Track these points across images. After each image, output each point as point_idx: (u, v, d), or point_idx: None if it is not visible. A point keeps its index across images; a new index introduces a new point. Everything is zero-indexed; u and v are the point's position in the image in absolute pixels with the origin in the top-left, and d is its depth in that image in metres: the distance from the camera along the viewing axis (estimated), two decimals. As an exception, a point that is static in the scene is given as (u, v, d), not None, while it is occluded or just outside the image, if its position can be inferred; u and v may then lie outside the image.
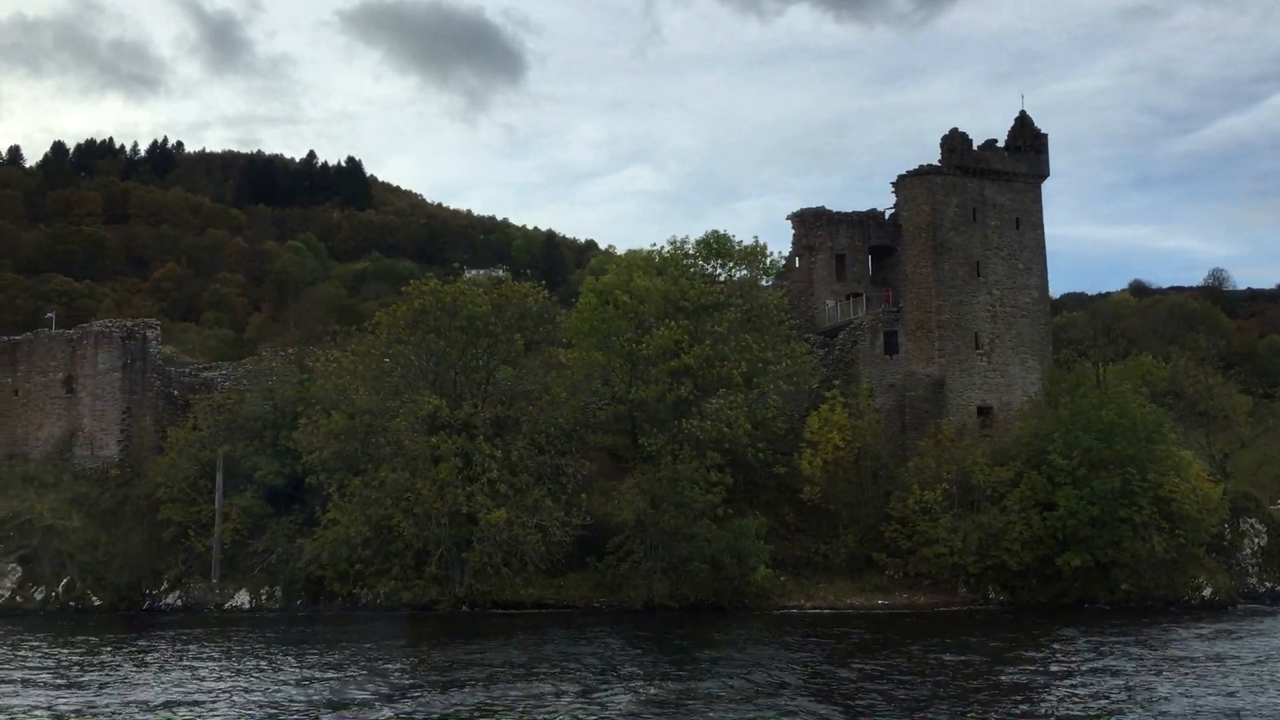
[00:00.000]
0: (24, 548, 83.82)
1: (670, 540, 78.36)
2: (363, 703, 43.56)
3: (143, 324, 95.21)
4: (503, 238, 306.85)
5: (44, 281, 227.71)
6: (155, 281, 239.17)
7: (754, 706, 42.55)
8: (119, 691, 46.57)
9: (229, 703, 43.88)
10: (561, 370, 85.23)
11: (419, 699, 44.38)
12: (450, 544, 77.82)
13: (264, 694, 45.77)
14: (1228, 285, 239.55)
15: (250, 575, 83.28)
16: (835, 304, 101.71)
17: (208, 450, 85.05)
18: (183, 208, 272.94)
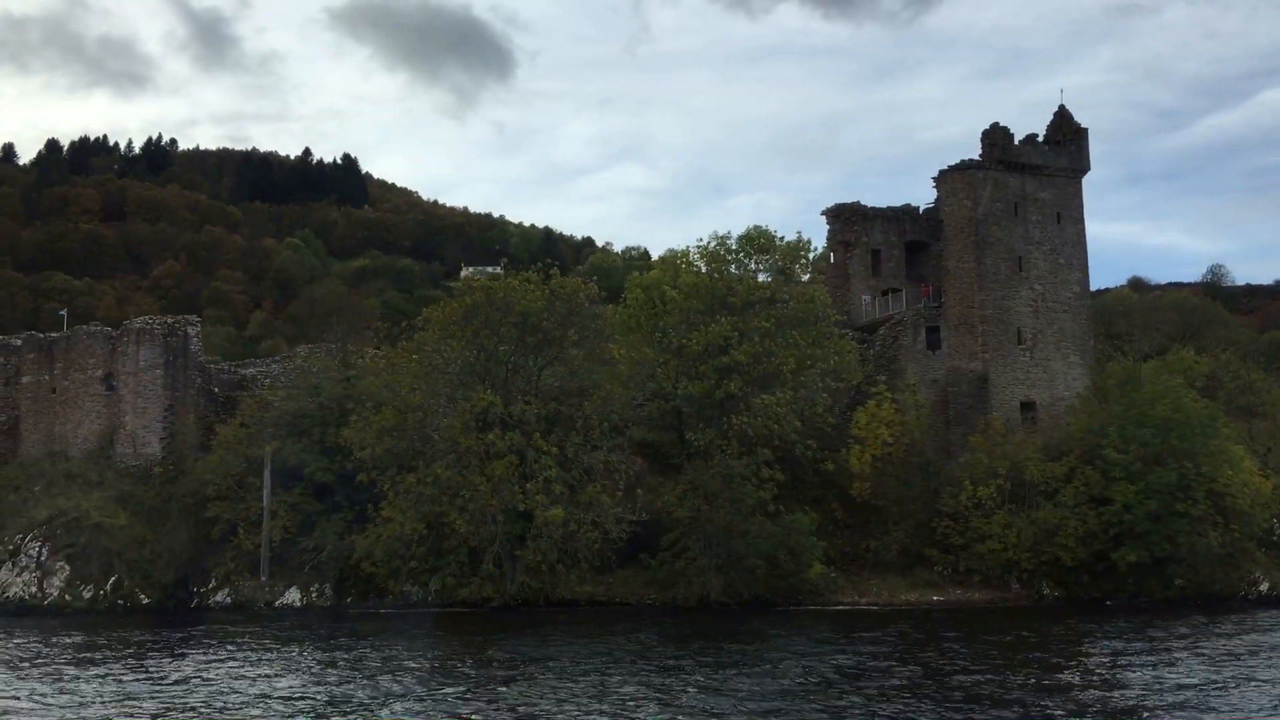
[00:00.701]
0: (71, 546, 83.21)
1: (725, 537, 78.02)
2: (445, 698, 43.29)
3: (184, 321, 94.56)
4: (500, 235, 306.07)
5: (44, 279, 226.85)
6: (155, 279, 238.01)
7: (846, 702, 42.40)
8: (213, 688, 46.39)
9: (312, 698, 44.08)
10: (611, 366, 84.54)
11: (511, 696, 44.15)
12: (504, 541, 77.22)
13: (344, 691, 45.84)
14: (1226, 281, 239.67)
15: (300, 573, 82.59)
16: (871, 299, 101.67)
17: (256, 447, 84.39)
18: (180, 205, 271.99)
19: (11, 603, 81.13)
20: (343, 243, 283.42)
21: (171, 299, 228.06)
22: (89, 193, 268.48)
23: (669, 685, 46.48)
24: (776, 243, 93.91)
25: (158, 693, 46.14)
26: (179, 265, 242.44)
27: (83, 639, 64.24)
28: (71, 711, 42.45)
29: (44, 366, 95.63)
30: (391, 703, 42.86)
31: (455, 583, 78.11)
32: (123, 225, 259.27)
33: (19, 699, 44.55)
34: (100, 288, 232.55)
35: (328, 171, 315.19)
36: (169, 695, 45.48)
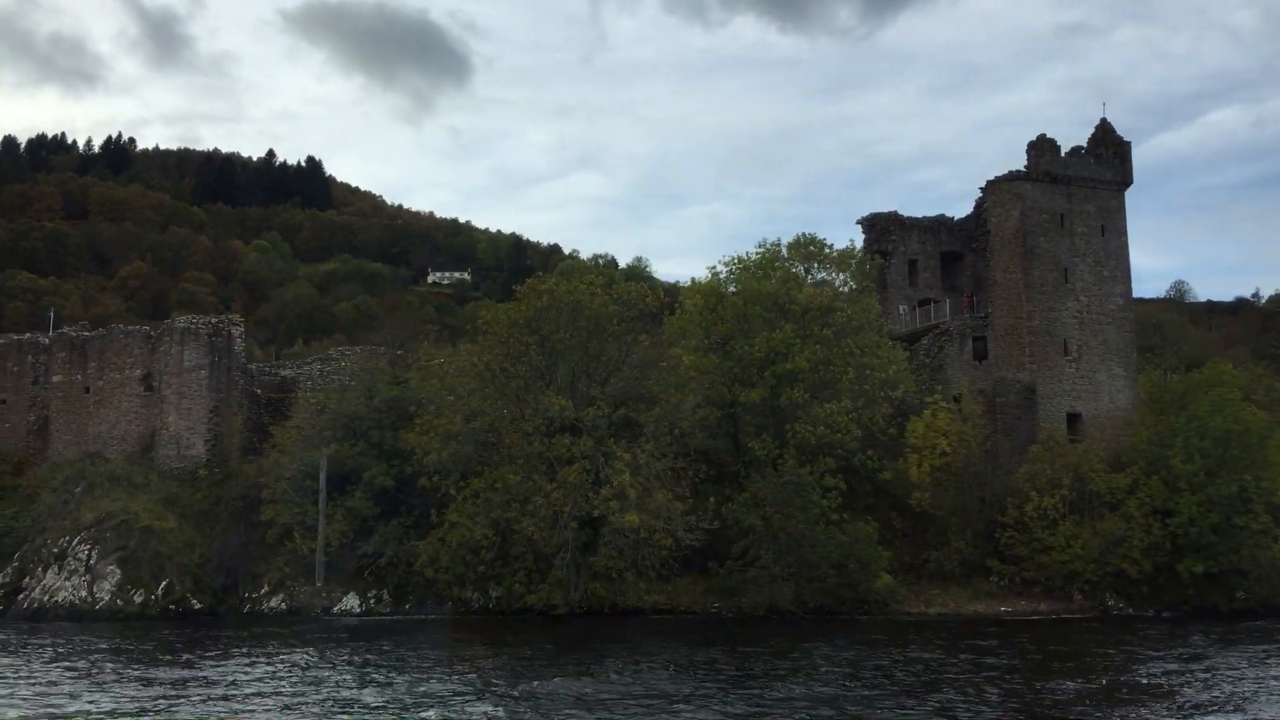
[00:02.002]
0: (121, 549, 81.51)
1: (796, 545, 77.45)
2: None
3: (227, 321, 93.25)
4: (467, 240, 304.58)
5: (8, 278, 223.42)
6: (122, 280, 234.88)
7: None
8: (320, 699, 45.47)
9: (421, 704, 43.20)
10: (674, 372, 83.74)
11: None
12: (573, 547, 76.39)
13: (460, 700, 44.82)
14: (1189, 297, 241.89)
15: (358, 578, 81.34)
16: (908, 309, 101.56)
17: (311, 450, 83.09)
18: (143, 205, 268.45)
19: (61, 607, 79.40)
20: (308, 246, 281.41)
21: (139, 300, 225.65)
22: (50, 190, 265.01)
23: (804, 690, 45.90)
24: (826, 251, 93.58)
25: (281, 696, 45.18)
26: (146, 266, 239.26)
27: (163, 642, 62.88)
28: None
29: (76, 365, 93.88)
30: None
31: (523, 589, 76.94)
32: (85, 224, 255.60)
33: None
34: (65, 287, 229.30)
35: (291, 174, 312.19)
36: (291, 699, 44.49)
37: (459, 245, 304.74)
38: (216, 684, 48.62)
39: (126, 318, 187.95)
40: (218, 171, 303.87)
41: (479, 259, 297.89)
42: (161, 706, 43.00)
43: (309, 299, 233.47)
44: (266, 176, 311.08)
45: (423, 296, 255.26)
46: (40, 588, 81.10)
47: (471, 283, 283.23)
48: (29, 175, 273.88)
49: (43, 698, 44.97)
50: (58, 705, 43.12)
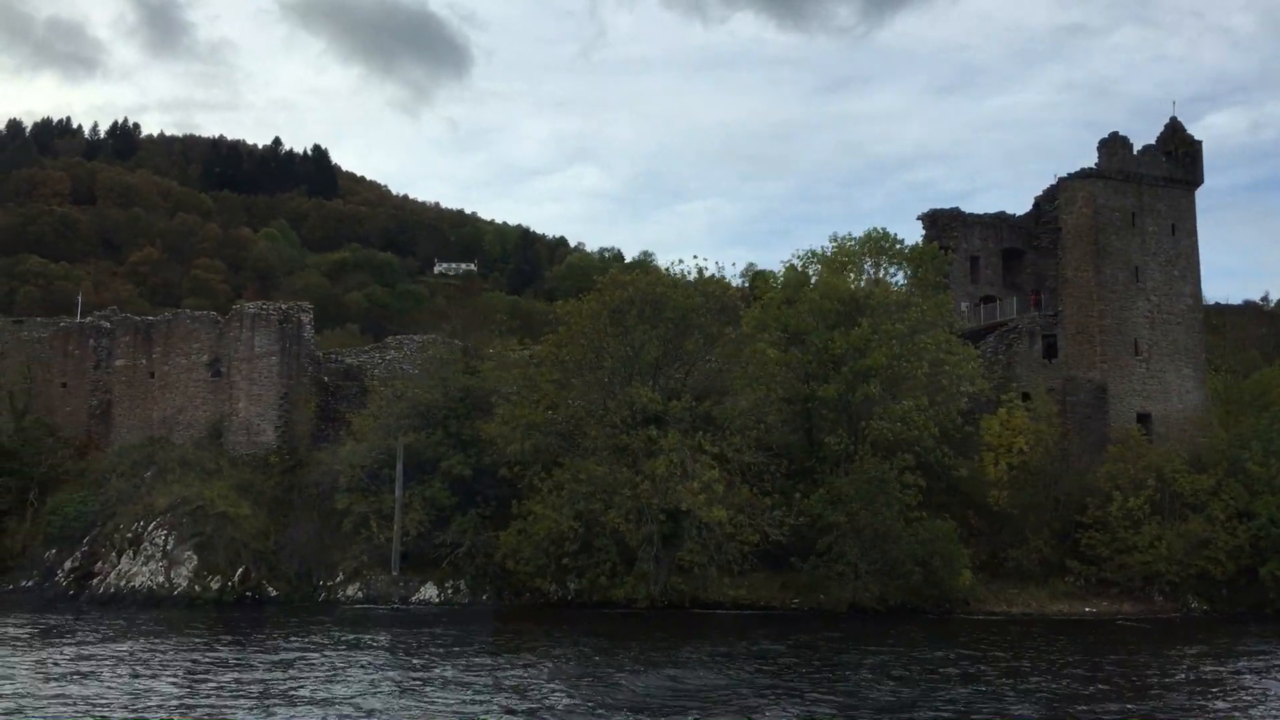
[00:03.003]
0: (197, 535, 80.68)
1: (880, 542, 76.96)
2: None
3: (297, 307, 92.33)
4: (473, 232, 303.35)
5: (18, 262, 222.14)
6: (132, 265, 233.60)
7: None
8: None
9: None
10: (758, 365, 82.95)
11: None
12: (657, 541, 75.80)
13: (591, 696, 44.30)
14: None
15: (435, 568, 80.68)
16: (969, 307, 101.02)
17: (389, 438, 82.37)
18: (151, 191, 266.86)
19: (139, 593, 78.53)
20: (314, 234, 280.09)
21: (150, 286, 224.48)
22: (59, 175, 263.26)
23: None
24: (898, 246, 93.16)
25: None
26: (156, 252, 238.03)
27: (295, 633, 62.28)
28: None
29: (140, 350, 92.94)
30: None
31: (607, 582, 76.31)
32: (94, 210, 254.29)
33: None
34: (76, 272, 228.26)
35: (298, 162, 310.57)
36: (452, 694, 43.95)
37: (465, 236, 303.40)
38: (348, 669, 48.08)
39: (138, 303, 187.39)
40: (224, 158, 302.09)
41: (486, 250, 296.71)
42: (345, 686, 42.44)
43: (319, 287, 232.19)
44: (272, 164, 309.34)
45: (432, 287, 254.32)
46: (115, 572, 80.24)
47: (479, 274, 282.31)
48: (36, 160, 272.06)
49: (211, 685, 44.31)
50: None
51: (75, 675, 46.85)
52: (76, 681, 45.29)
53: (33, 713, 39.17)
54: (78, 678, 46.20)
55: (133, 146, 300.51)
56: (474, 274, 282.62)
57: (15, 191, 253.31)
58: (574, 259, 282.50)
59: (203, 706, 40.58)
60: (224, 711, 39.87)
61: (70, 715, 38.91)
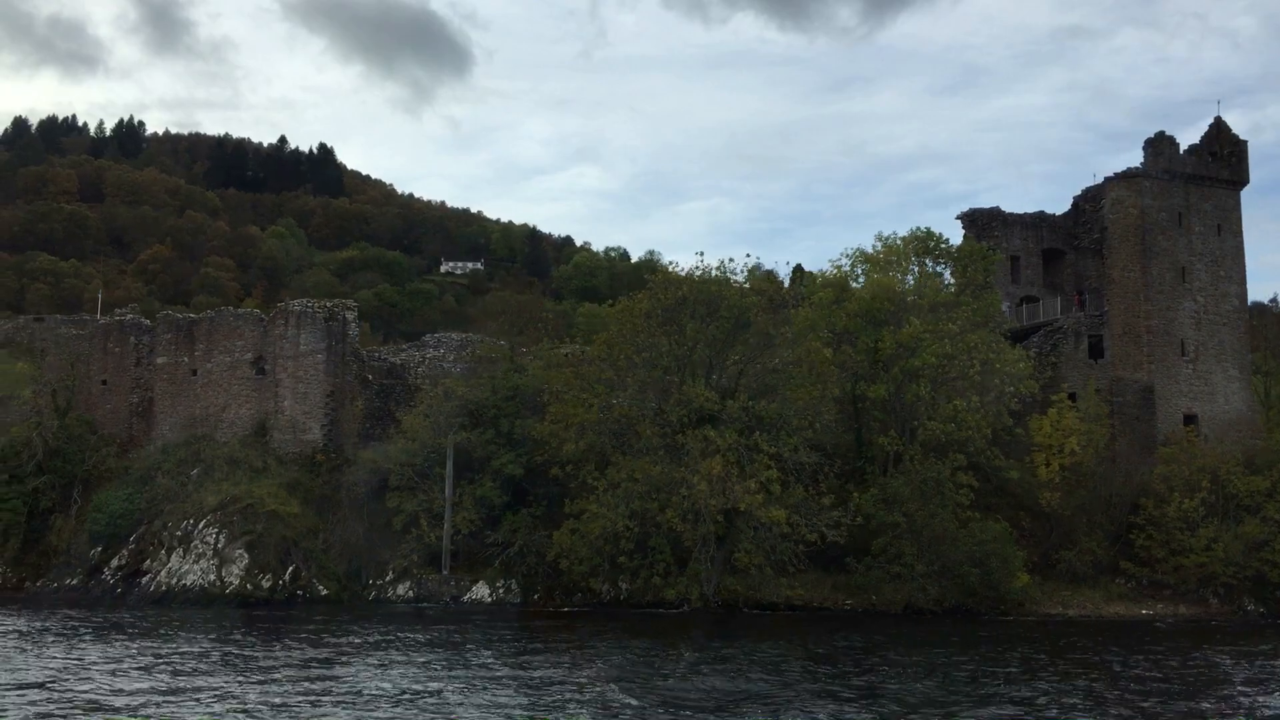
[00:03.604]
0: (248, 533, 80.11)
1: (937, 543, 76.51)
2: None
3: (342, 305, 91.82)
4: (479, 230, 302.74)
5: (29, 260, 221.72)
6: (142, 264, 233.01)
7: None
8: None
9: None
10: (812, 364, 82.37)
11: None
12: (713, 540, 75.29)
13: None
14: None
15: (488, 567, 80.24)
16: (1010, 307, 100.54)
17: (439, 437, 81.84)
18: (159, 189, 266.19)
19: (190, 591, 77.94)
20: (320, 233, 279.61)
21: (160, 284, 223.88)
22: (66, 173, 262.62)
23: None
24: (944, 245, 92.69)
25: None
26: (166, 250, 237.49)
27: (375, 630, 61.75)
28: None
29: (183, 348, 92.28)
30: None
31: (661, 582, 75.76)
32: (102, 207, 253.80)
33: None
34: (86, 270, 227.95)
35: (304, 160, 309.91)
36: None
37: (471, 235, 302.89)
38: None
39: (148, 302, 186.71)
40: (229, 157, 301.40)
41: (492, 250, 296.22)
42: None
43: (329, 286, 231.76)
44: (278, 162, 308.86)
45: (440, 285, 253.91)
46: (166, 571, 79.63)
47: (485, 273, 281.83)
48: (44, 157, 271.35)
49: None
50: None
51: (163, 674, 46.24)
52: (178, 681, 44.64)
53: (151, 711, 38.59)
54: (170, 678, 45.58)
55: (138, 144, 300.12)
56: (481, 273, 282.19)
57: (24, 189, 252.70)
58: (580, 258, 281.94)
59: (297, 706, 40.01)
60: (329, 710, 39.34)
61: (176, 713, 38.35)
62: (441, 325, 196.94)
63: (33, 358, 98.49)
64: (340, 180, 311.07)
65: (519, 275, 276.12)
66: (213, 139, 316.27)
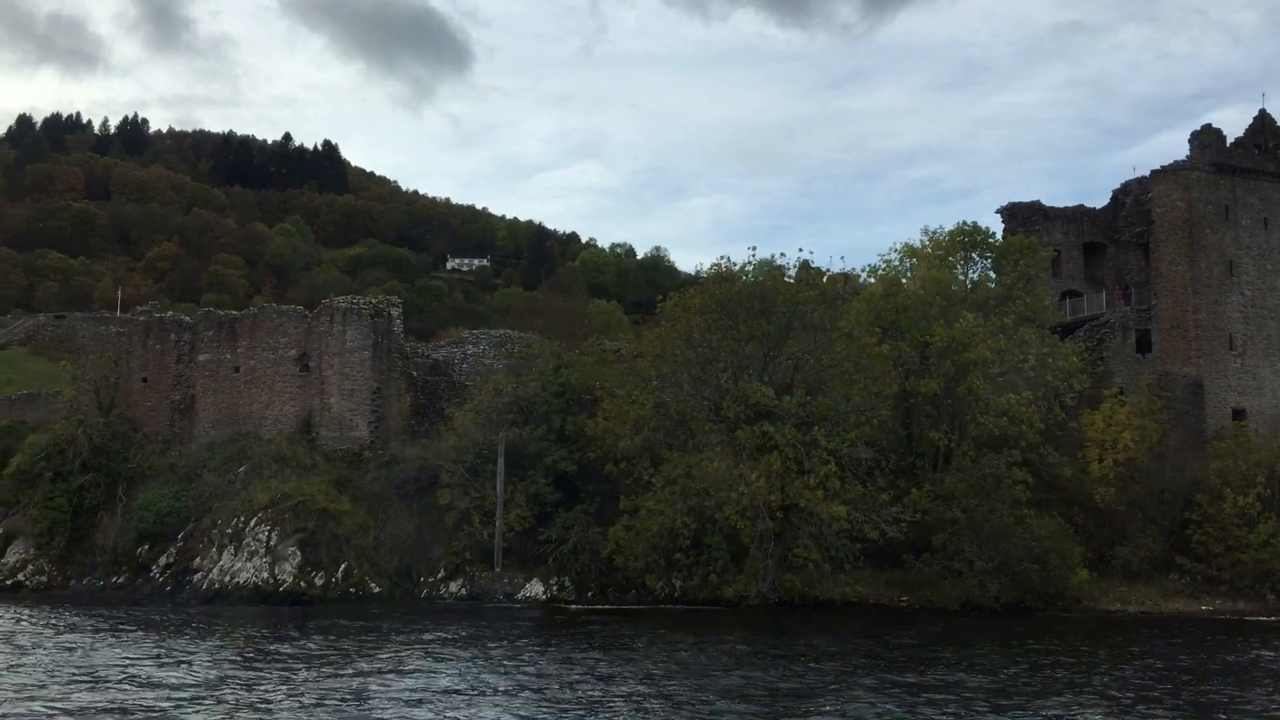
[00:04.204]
0: (300, 531, 79.49)
1: (997, 539, 75.93)
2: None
3: (387, 302, 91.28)
4: (485, 228, 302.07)
5: (38, 257, 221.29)
6: (150, 261, 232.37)
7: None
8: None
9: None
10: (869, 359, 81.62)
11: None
12: (772, 537, 74.66)
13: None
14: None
15: (541, 565, 79.63)
16: (1051, 302, 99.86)
17: (491, 434, 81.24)
18: (165, 186, 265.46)
19: (244, 589, 77.27)
20: (326, 230, 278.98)
21: (169, 281, 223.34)
22: (73, 171, 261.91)
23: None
24: (991, 239, 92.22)
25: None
26: (174, 247, 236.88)
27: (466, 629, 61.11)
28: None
29: (225, 345, 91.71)
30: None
31: (719, 580, 75.12)
32: (109, 205, 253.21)
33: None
34: (95, 267, 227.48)
35: (308, 158, 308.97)
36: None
37: (476, 232, 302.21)
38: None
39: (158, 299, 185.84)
40: (234, 154, 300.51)
41: (498, 246, 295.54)
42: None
43: (337, 283, 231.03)
44: (282, 160, 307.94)
45: (448, 282, 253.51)
46: (218, 569, 78.96)
47: (492, 269, 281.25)
48: (50, 155, 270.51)
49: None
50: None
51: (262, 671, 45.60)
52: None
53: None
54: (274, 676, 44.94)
55: (143, 142, 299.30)
56: (487, 269, 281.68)
57: (31, 186, 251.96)
58: (587, 255, 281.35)
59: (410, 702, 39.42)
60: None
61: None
62: (451, 322, 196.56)
63: (72, 355, 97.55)
64: (345, 177, 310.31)
65: (526, 272, 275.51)
66: (217, 136, 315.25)
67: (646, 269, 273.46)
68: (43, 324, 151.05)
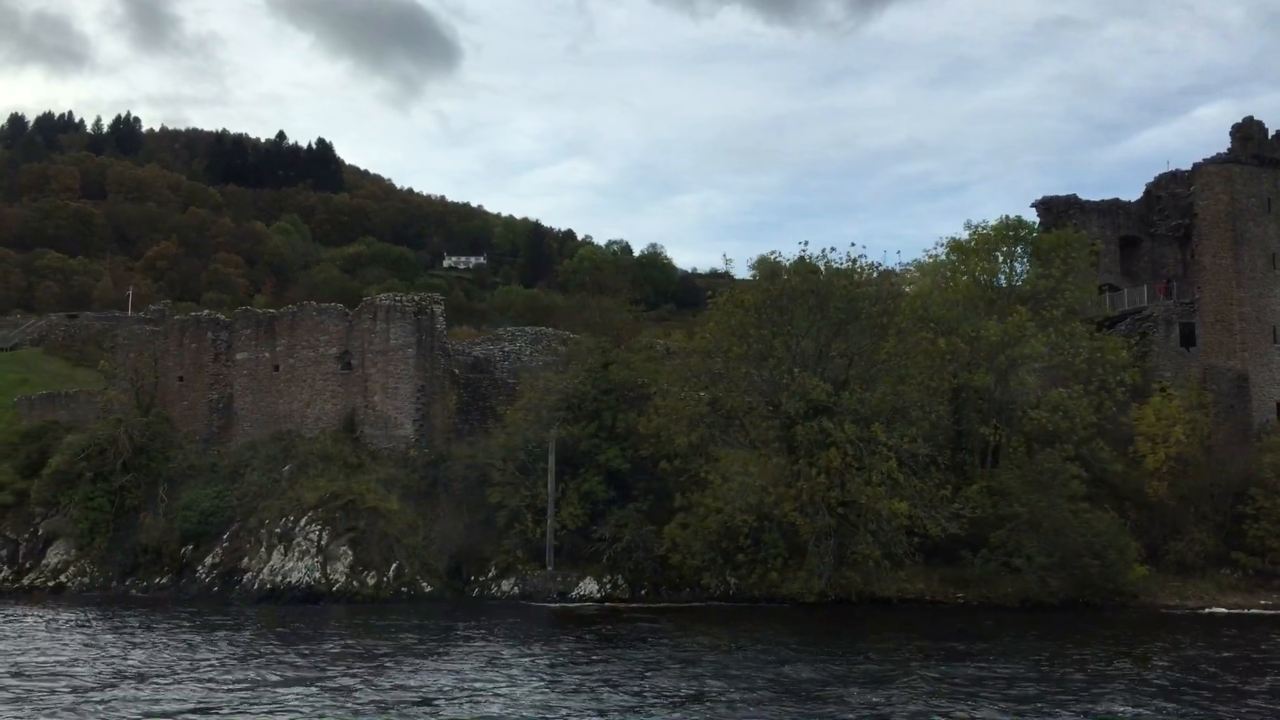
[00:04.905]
0: (351, 530, 78.72)
1: (1056, 534, 75.32)
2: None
3: (429, 299, 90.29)
4: (481, 225, 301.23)
5: (36, 257, 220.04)
6: (149, 260, 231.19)
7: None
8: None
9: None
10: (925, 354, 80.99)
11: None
12: (831, 534, 74.01)
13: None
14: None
15: (589, 563, 78.89)
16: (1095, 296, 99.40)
17: (542, 431, 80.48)
18: (161, 185, 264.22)
19: (296, 589, 76.45)
20: (322, 228, 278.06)
21: (169, 280, 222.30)
22: (69, 170, 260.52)
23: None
24: (1035, 232, 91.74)
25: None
26: (173, 246, 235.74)
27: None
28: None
29: (263, 343, 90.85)
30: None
31: (779, 577, 74.41)
32: (106, 204, 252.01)
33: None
34: (94, 267, 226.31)
35: (303, 156, 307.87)
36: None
37: (472, 230, 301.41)
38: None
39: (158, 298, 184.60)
40: (228, 152, 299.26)
41: (494, 244, 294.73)
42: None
43: (337, 281, 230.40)
44: (276, 158, 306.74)
45: (447, 280, 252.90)
46: (268, 569, 78.09)
47: (489, 267, 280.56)
48: (45, 154, 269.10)
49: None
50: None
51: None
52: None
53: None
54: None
55: (136, 141, 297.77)
56: (484, 267, 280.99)
57: (28, 186, 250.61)
58: (585, 252, 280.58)
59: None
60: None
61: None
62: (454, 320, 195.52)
63: (109, 354, 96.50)
64: (339, 176, 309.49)
65: (523, 270, 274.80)
66: (210, 135, 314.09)
67: (644, 266, 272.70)
68: (55, 324, 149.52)
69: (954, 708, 38.54)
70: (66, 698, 38.72)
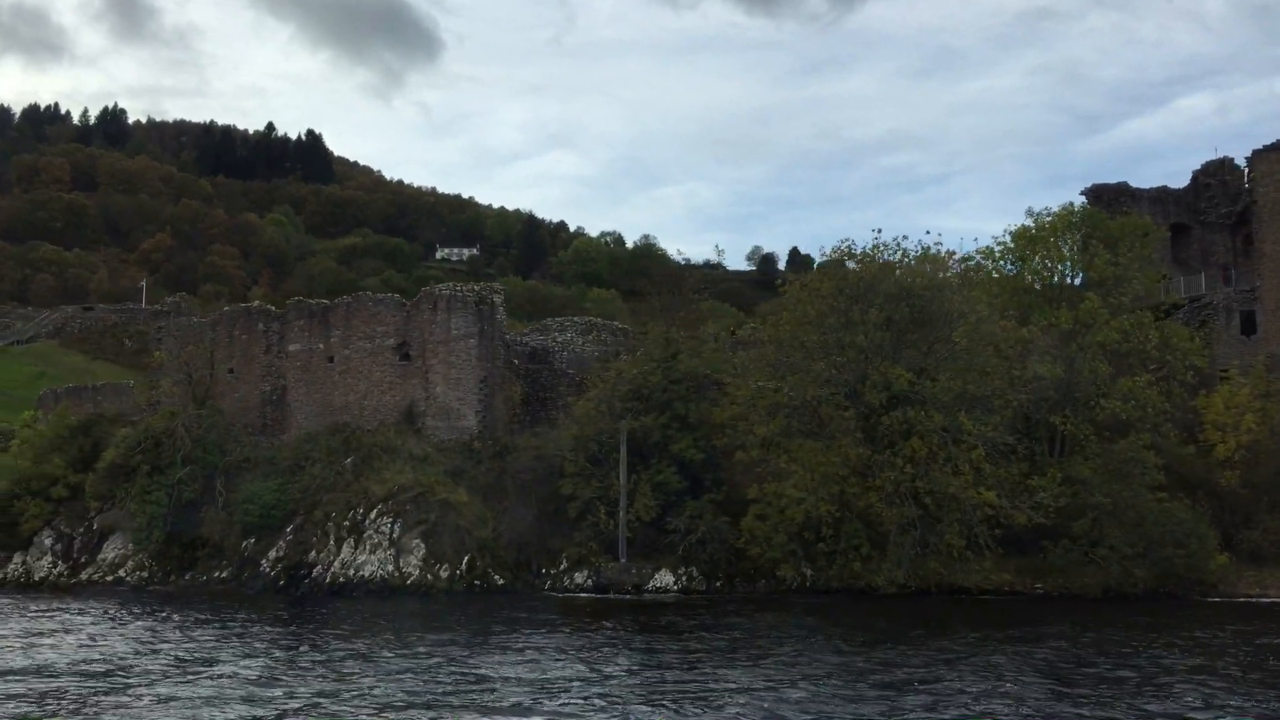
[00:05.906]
0: (423, 523, 77.47)
1: (1140, 524, 74.56)
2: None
3: (489, 289, 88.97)
4: (474, 216, 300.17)
5: (30, 250, 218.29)
6: (144, 252, 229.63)
7: None
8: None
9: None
10: (1010, 343, 79.88)
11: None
12: (916, 524, 73.10)
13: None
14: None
15: (663, 555, 77.78)
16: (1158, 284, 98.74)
17: (613, 422, 79.36)
18: (152, 177, 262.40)
19: (370, 582, 75.24)
20: (314, 220, 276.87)
21: (164, 273, 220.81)
22: (59, 162, 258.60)
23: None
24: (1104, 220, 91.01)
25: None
26: (167, 238, 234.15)
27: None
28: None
29: (317, 334, 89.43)
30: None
31: (861, 567, 73.46)
32: (97, 196, 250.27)
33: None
34: (90, 259, 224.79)
35: (292, 147, 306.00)
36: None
37: (465, 222, 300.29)
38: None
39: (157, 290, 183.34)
40: (217, 144, 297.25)
41: (487, 236, 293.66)
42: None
43: (333, 273, 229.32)
44: (266, 150, 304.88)
45: (444, 271, 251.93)
46: (339, 562, 76.77)
47: (483, 258, 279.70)
48: (34, 146, 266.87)
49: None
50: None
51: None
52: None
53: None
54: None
55: (124, 133, 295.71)
56: (478, 259, 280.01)
57: (18, 178, 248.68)
58: (579, 244, 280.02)
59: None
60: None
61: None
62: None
63: (162, 347, 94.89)
64: (329, 167, 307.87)
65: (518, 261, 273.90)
66: (198, 126, 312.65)
67: (638, 257, 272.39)
68: (70, 316, 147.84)
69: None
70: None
